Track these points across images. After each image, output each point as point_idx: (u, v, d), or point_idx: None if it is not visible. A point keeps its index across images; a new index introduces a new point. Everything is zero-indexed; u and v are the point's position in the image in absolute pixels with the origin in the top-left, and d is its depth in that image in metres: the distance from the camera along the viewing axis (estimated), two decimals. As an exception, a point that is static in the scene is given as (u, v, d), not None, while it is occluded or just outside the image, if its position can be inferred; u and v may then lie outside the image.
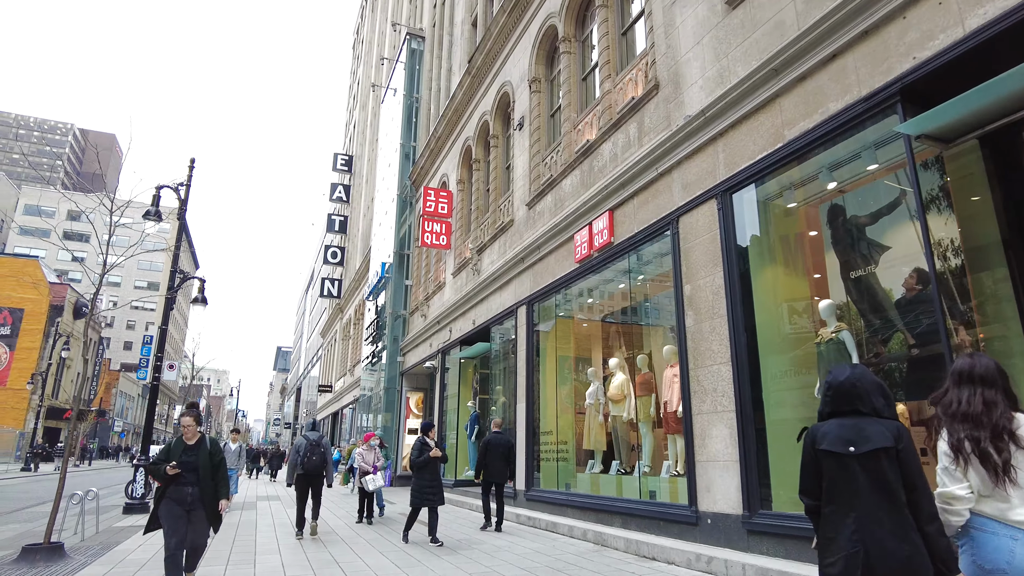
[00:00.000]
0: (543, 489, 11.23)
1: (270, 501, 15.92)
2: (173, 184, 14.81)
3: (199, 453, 5.74)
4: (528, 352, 12.25)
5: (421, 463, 8.69)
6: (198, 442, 5.85)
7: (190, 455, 5.72)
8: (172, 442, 5.89)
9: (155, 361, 13.62)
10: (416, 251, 23.66)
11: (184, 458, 5.68)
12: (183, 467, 5.62)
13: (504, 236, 14.61)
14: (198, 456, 5.72)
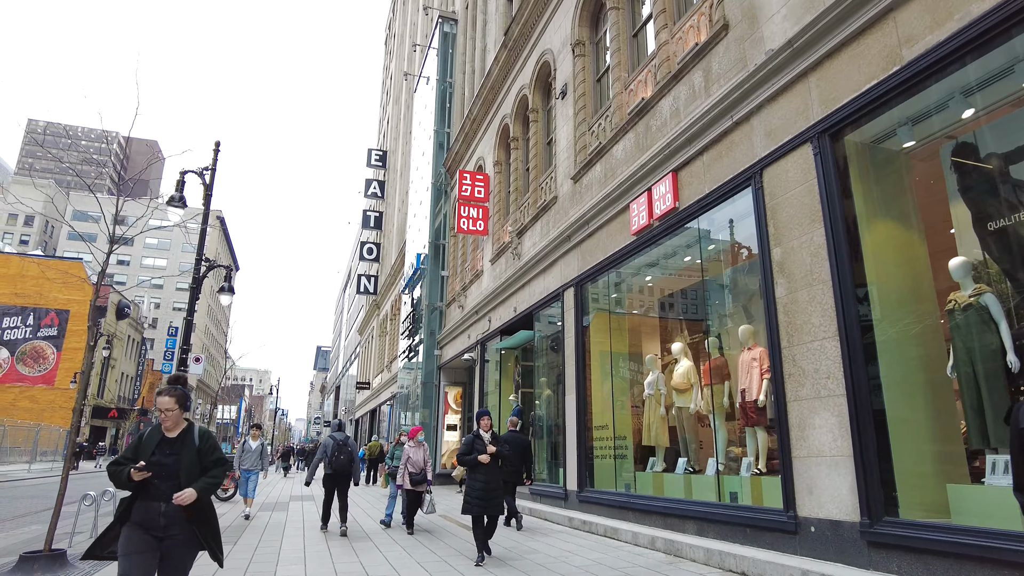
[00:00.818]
0: (599, 490, 10.06)
1: (303, 501, 15.10)
2: (198, 169, 14.05)
3: (182, 451, 3.81)
4: (577, 339, 11.09)
5: (472, 461, 7.25)
6: (182, 434, 3.91)
7: (168, 453, 3.79)
8: (145, 432, 3.98)
9: (180, 354, 12.89)
10: (452, 241, 22.70)
11: (158, 457, 3.75)
12: (156, 470, 3.69)
13: (547, 215, 13.47)
14: (180, 455, 3.79)
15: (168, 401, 3.87)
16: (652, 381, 10.06)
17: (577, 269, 11.43)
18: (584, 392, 10.79)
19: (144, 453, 3.77)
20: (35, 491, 18.87)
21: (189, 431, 3.96)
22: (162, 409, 3.86)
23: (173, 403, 3.87)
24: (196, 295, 13.22)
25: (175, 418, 3.90)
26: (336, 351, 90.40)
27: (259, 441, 11.84)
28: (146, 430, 4.02)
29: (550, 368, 13.52)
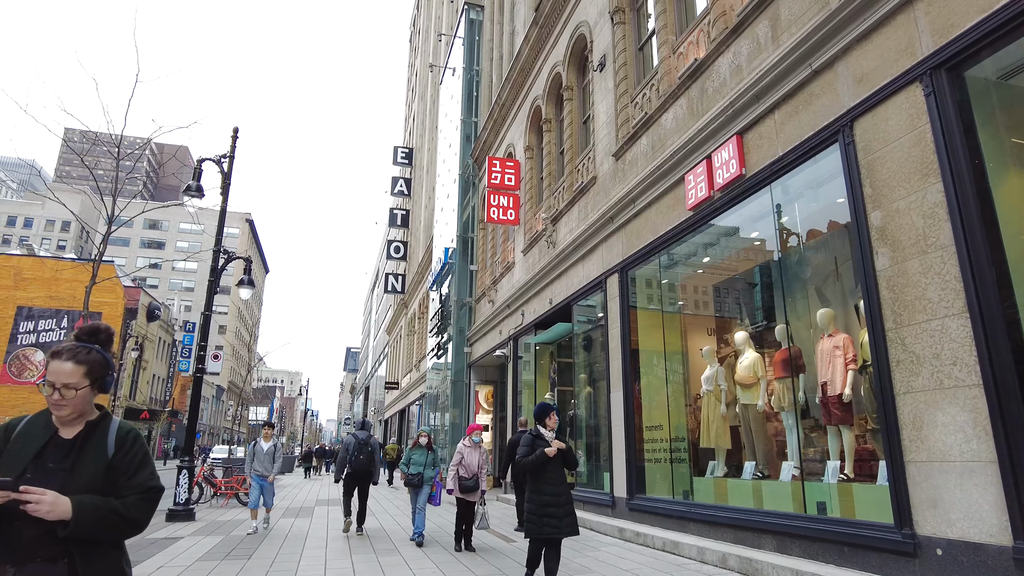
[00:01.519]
0: (652, 497, 9.02)
1: (330, 506, 14.32)
2: (215, 157, 13.38)
3: (80, 462, 2.08)
4: (624, 330, 10.06)
5: (531, 465, 5.52)
6: (86, 433, 2.14)
7: (57, 464, 2.06)
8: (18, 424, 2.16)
9: (198, 351, 12.20)
10: (480, 234, 21.80)
11: (36, 473, 2.01)
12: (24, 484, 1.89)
13: (584, 198, 12.46)
14: (75, 471, 2.06)
15: (69, 370, 2.07)
16: (710, 376, 9.00)
17: (621, 253, 10.40)
18: (633, 389, 9.76)
19: (15, 460, 2.02)
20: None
21: (98, 429, 2.16)
22: (56, 384, 2.05)
23: (79, 374, 2.08)
24: (215, 288, 12.52)
25: (78, 403, 2.10)
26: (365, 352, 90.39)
27: (272, 442, 10.31)
28: (18, 419, 2.18)
29: (590, 363, 12.52)
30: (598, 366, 11.81)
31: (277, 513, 12.49)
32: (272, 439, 10.40)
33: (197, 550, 8.04)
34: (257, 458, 10.10)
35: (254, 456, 10.13)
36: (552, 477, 5.52)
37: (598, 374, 12.08)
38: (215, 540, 8.85)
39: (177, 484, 11.29)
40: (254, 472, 10.07)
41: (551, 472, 5.53)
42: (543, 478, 5.51)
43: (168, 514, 11.14)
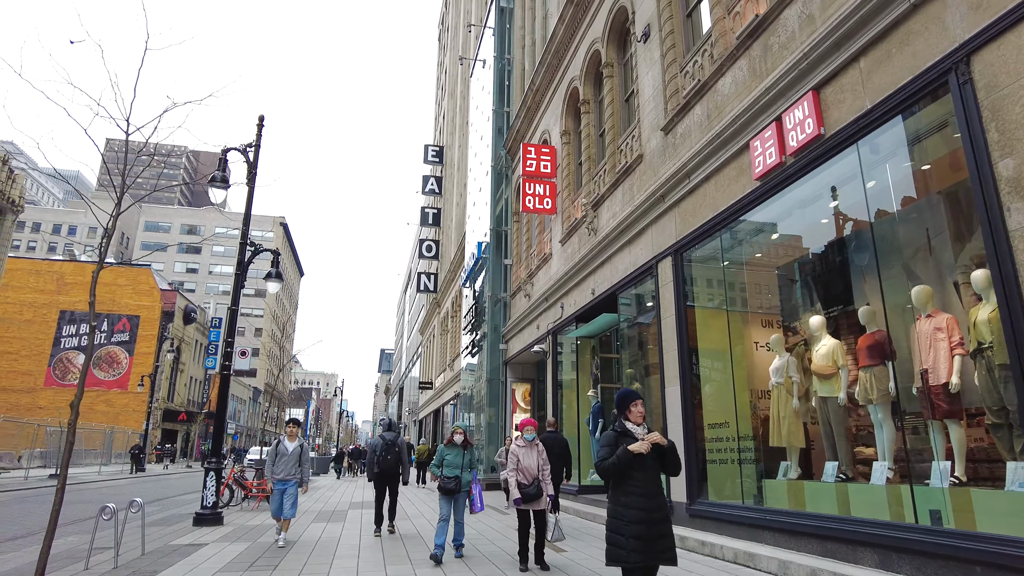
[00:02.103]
0: (716, 502, 8.10)
1: (363, 509, 13.68)
2: (241, 146, 12.86)
3: None
4: (679, 318, 9.16)
5: (614, 469, 4.19)
6: None
7: None
8: None
9: (224, 347, 11.68)
10: (514, 227, 21.03)
11: None
12: None
13: (629, 179, 11.59)
14: None
15: None
16: (779, 367, 8.05)
17: (675, 234, 9.51)
18: (691, 383, 8.85)
19: None
20: (97, 495, 18.26)
21: None
22: None
23: None
24: (242, 282, 11.99)
25: None
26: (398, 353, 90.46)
27: (297, 442, 8.82)
28: None
29: (639, 357, 11.63)
30: (648, 360, 10.93)
31: (308, 517, 11.89)
32: (298, 439, 8.89)
33: (220, 559, 7.41)
34: (280, 460, 8.65)
35: (276, 457, 8.69)
36: (642, 485, 4.17)
37: (648, 368, 11.19)
38: (240, 548, 8.23)
39: (204, 487, 10.75)
40: (275, 477, 8.60)
41: (642, 478, 4.18)
42: (629, 486, 4.18)
43: (195, 518, 10.61)
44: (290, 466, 8.63)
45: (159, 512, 13.34)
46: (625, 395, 4.52)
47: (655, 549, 4.08)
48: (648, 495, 4.18)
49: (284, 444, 8.80)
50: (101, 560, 7.20)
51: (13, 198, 28.07)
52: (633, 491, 4.18)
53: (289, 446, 8.76)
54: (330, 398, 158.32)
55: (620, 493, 4.25)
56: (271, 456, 8.76)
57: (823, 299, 8.05)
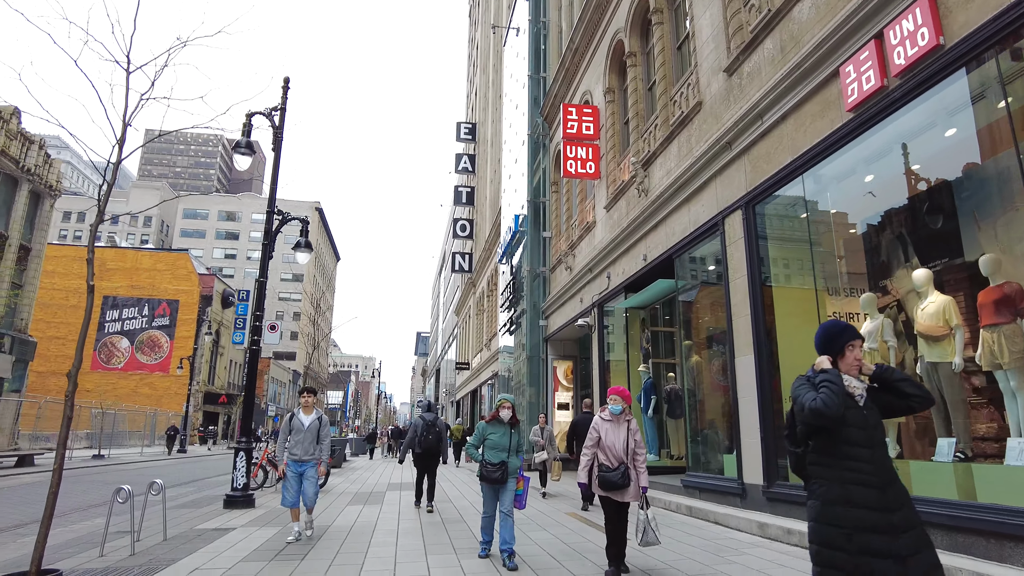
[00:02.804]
0: (800, 485, 7.08)
1: (402, 490, 13.02)
2: (266, 110, 12.13)
3: None
4: (752, 279, 8.11)
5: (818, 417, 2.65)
6: None
7: None
8: None
9: (253, 321, 11.03)
10: (553, 197, 20.03)
11: None
12: None
13: (686, 131, 10.50)
14: None
15: None
16: (872, 331, 6.98)
17: (744, 185, 8.43)
18: (765, 352, 7.82)
19: None
20: (135, 476, 18.09)
21: None
22: None
23: None
24: (269, 252, 11.31)
25: None
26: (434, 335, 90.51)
27: (314, 414, 7.45)
28: None
29: (701, 326, 10.61)
30: (713, 329, 9.92)
31: (344, 500, 11.25)
32: (315, 411, 7.50)
33: (246, 545, 6.74)
34: (294, 435, 7.29)
35: (290, 432, 7.32)
36: (872, 466, 2.66)
37: (710, 339, 10.18)
38: (269, 533, 7.57)
39: (235, 468, 10.17)
40: (289, 456, 7.23)
41: (870, 456, 2.67)
42: (847, 467, 2.68)
43: (226, 500, 10.05)
44: (307, 443, 7.24)
45: (193, 493, 12.90)
46: (836, 331, 2.96)
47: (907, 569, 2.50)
48: (882, 483, 2.64)
49: (299, 418, 7.38)
50: (119, 546, 6.60)
51: (51, 182, 28.14)
52: (854, 476, 2.64)
53: (305, 419, 7.36)
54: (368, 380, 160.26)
55: (832, 481, 2.70)
56: (283, 432, 7.38)
57: (923, 251, 6.92)
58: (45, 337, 46.24)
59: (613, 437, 5.39)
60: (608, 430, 5.45)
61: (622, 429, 5.44)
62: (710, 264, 9.97)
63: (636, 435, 5.48)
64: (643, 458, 5.43)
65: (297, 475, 7.18)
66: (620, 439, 5.37)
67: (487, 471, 5.98)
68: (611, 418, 5.50)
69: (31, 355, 27.44)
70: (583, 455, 5.55)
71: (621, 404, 5.50)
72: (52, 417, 33.26)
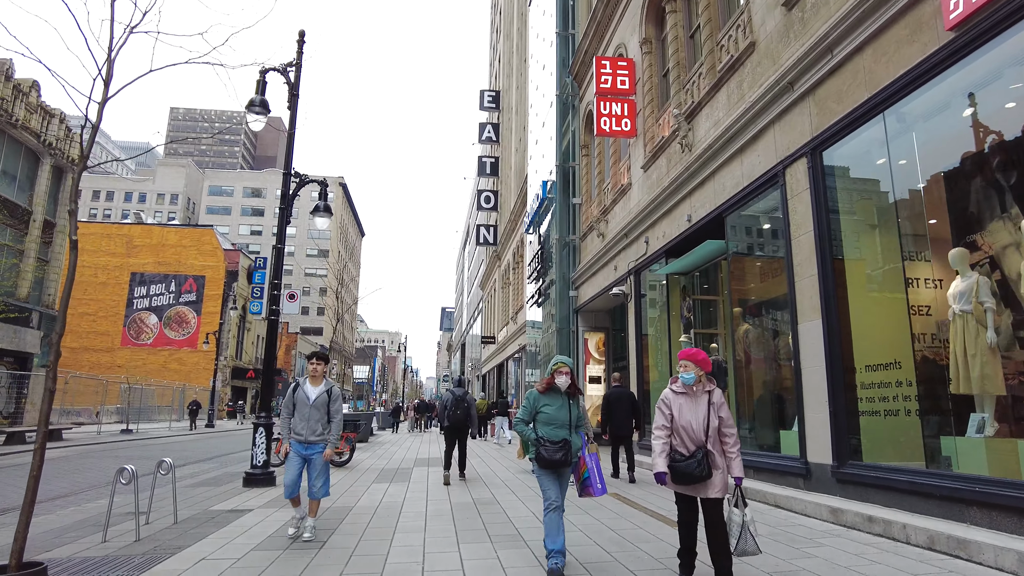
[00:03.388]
0: (881, 466, 6.25)
1: (430, 467, 12.46)
2: (280, 66, 11.38)
3: None
4: (819, 234, 7.18)
5: None
6: None
7: None
8: None
9: (271, 290, 10.42)
10: (583, 162, 19.05)
11: None
12: None
13: (737, 76, 9.51)
14: None
15: None
16: (965, 290, 6.05)
17: (809, 130, 7.47)
18: (835, 316, 6.93)
19: None
20: (160, 451, 17.90)
21: None
22: None
23: None
24: (287, 217, 10.64)
25: None
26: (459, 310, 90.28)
27: (323, 386, 6.06)
28: None
29: (752, 291, 9.72)
30: (770, 291, 9.03)
31: (369, 477, 10.69)
32: (325, 382, 6.11)
33: (260, 530, 6.16)
34: (298, 411, 5.97)
35: (294, 407, 5.99)
36: None
37: (765, 305, 9.30)
38: (287, 515, 6.99)
39: (254, 444, 9.64)
40: (292, 437, 5.95)
41: None
42: None
43: (245, 478, 9.54)
44: (314, 422, 5.90)
45: (214, 470, 12.50)
46: None
47: None
48: None
49: (304, 390, 5.99)
50: (124, 530, 6.05)
51: (73, 157, 27.88)
52: None
53: (311, 392, 5.98)
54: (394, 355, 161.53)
55: None
56: (286, 407, 6.06)
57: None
58: (76, 314, 46.79)
59: (689, 415, 4.23)
60: (683, 406, 4.27)
61: (700, 404, 4.24)
62: (765, 223, 9.05)
63: (722, 410, 4.25)
64: (733, 440, 4.21)
65: (301, 459, 5.91)
66: (699, 416, 4.20)
67: (546, 451, 4.64)
68: (684, 390, 4.32)
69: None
70: (655, 438, 4.32)
71: (694, 371, 4.29)
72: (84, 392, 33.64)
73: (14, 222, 24.30)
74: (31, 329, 24.98)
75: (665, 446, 4.28)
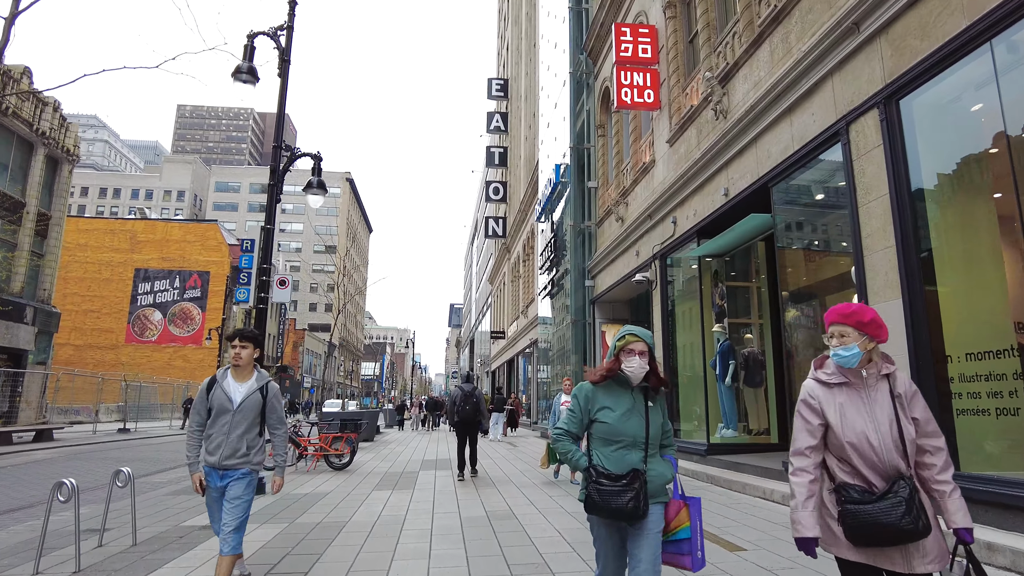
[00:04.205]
0: (991, 477, 5.07)
1: (437, 470, 11.39)
2: (270, 30, 10.33)
3: None
4: (899, 198, 5.99)
5: None
6: None
7: None
8: None
9: (259, 276, 9.37)
10: (599, 143, 17.89)
11: None
12: None
13: (780, 29, 8.34)
14: None
15: None
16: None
17: (882, 76, 6.28)
18: (923, 294, 5.77)
19: None
20: (151, 451, 16.95)
21: None
22: None
23: None
24: (277, 194, 9.57)
25: None
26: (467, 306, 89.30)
27: (253, 381, 4.05)
28: None
29: (803, 272, 8.56)
30: (826, 270, 7.88)
31: (371, 481, 9.63)
32: (256, 374, 4.10)
33: (233, 556, 5.10)
34: (215, 420, 3.96)
35: (209, 416, 3.98)
36: None
37: (815, 288, 8.15)
38: (269, 534, 5.95)
39: (240, 447, 8.58)
40: (207, 458, 3.95)
41: None
42: None
43: (231, 486, 8.49)
44: (238, 436, 3.88)
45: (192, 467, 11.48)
46: None
47: None
48: None
49: (224, 387, 3.96)
50: (65, 556, 5.00)
51: (68, 147, 26.99)
52: None
53: (236, 391, 3.95)
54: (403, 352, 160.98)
55: None
56: (197, 412, 4.01)
57: None
58: (80, 311, 46.14)
59: (861, 419, 2.33)
60: (845, 406, 2.37)
61: (880, 398, 2.36)
62: (817, 193, 7.88)
63: (918, 408, 2.37)
64: (942, 462, 2.33)
65: (217, 489, 3.97)
66: (880, 421, 2.32)
67: (601, 491, 2.68)
68: (841, 378, 2.41)
69: (55, 326, 26.58)
70: (794, 472, 2.39)
71: (856, 341, 2.37)
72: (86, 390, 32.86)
73: (7, 214, 23.41)
74: (25, 325, 24.12)
75: (813, 485, 2.36)
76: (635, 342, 2.85)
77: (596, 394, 2.89)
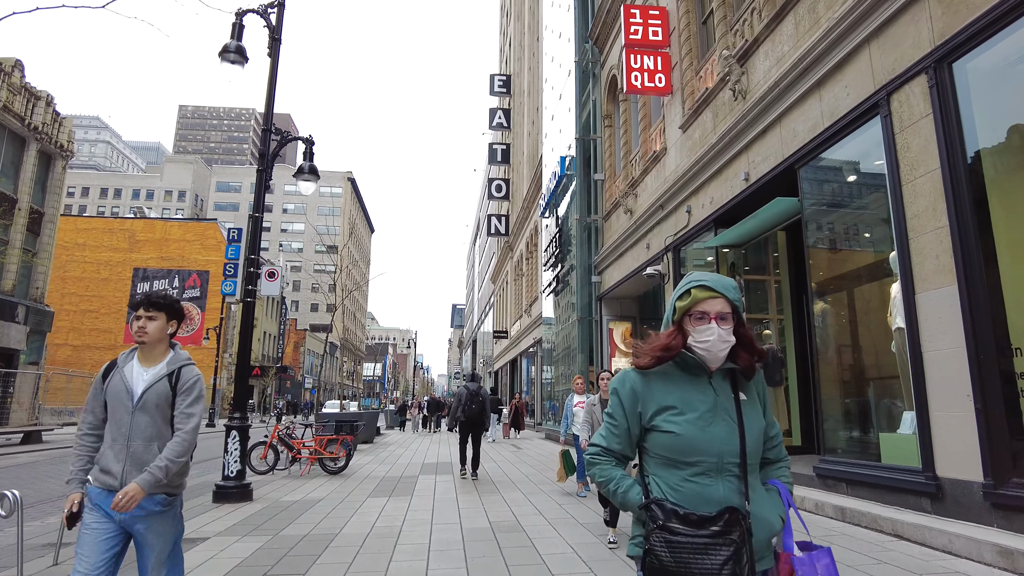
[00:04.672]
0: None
1: (438, 475, 10.77)
2: (260, 8, 9.74)
3: None
4: (952, 173, 5.34)
5: None
6: None
7: None
8: None
9: (247, 267, 8.77)
10: (606, 133, 17.26)
11: None
12: None
13: (804, 1, 7.70)
14: None
15: None
16: None
17: (930, 38, 5.64)
18: (984, 280, 5.12)
19: None
20: (145, 455, 16.32)
21: None
22: None
23: None
24: (266, 180, 8.98)
25: None
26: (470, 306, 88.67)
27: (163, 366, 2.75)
28: None
29: (830, 260, 7.91)
30: (861, 258, 7.24)
31: (366, 487, 9.01)
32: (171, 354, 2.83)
33: (205, 574, 4.48)
34: (111, 419, 2.67)
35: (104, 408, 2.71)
36: None
37: (847, 277, 7.51)
38: (248, 548, 5.32)
39: (226, 451, 7.97)
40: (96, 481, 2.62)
41: None
42: None
43: (215, 492, 7.89)
44: (142, 441, 2.64)
45: (192, 478, 10.87)
46: None
47: None
48: None
49: (125, 373, 2.71)
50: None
51: (61, 143, 26.43)
52: None
53: (138, 379, 2.71)
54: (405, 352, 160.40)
55: None
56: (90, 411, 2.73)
57: None
58: (78, 311, 45.66)
59: None
60: None
61: None
62: (848, 175, 7.24)
63: None
64: None
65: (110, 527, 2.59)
66: None
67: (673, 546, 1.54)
68: None
69: (48, 326, 26.02)
70: None
71: None
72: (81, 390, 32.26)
73: (-2, 210, 22.87)
74: (16, 324, 23.55)
75: None
76: (710, 299, 1.68)
77: (649, 388, 1.74)
